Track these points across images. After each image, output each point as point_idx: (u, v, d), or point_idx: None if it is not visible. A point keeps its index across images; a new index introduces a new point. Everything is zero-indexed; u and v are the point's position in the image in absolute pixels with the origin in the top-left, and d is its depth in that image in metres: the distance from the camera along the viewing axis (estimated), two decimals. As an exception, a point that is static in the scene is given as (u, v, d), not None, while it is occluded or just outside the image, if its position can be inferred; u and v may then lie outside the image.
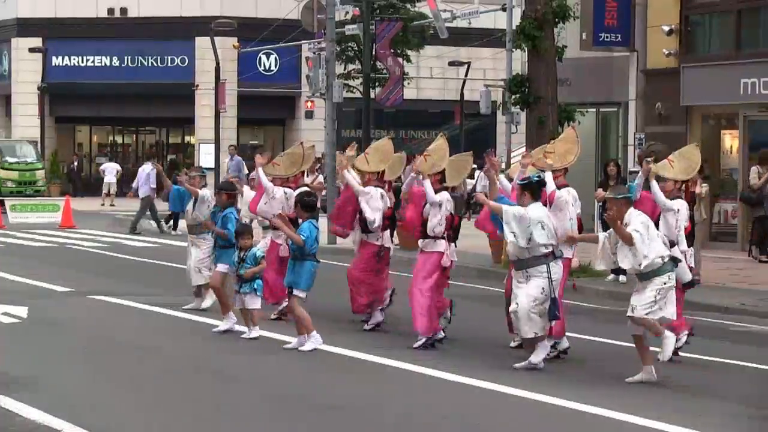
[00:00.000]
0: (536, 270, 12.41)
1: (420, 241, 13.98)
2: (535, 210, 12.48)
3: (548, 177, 13.26)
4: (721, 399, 11.62)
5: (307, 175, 17.12)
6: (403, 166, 15.60)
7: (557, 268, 12.49)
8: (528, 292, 12.38)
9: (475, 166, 27.39)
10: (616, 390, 11.73)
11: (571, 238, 13.00)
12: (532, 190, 12.63)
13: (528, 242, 12.34)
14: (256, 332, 14.09)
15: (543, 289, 12.38)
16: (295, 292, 13.31)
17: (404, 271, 16.74)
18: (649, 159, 13.63)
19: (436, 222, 13.72)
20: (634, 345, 12.30)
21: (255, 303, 14.08)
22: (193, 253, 16.38)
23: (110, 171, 45.63)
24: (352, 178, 15.28)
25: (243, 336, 14.16)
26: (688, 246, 13.55)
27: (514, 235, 12.39)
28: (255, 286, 14.01)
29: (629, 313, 12.07)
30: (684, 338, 13.55)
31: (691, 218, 14.05)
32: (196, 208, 16.35)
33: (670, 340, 12.05)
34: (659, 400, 11.30)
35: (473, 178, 33.89)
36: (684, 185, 13.78)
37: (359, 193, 15.09)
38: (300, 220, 13.68)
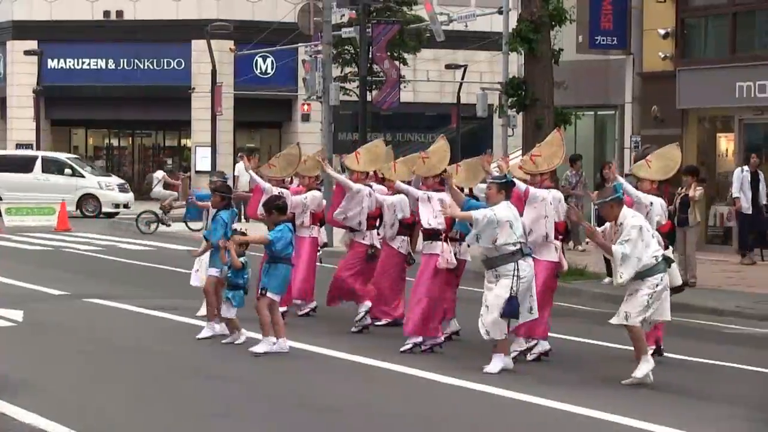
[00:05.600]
0: (505, 269, 12.37)
1: (420, 243, 13.94)
2: (503, 209, 12.45)
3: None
4: (717, 401, 11.61)
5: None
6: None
7: (525, 265, 12.42)
8: (497, 294, 12.36)
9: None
10: (610, 392, 11.69)
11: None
12: (507, 188, 12.67)
13: (493, 243, 12.32)
14: (233, 338, 13.99)
15: (512, 288, 12.36)
16: (270, 294, 13.29)
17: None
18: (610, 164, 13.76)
19: (428, 216, 13.59)
20: (630, 347, 12.28)
21: (228, 312, 13.92)
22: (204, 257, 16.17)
23: None
24: (338, 174, 15.42)
25: (225, 341, 14.04)
26: (669, 245, 13.56)
27: (477, 238, 12.39)
28: (230, 295, 13.81)
29: (622, 322, 11.95)
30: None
31: (672, 218, 14.04)
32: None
33: (649, 364, 11.96)
34: (653, 403, 11.30)
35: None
36: (663, 185, 13.86)
37: (347, 187, 15.12)
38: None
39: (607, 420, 10.40)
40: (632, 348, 12.25)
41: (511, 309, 12.34)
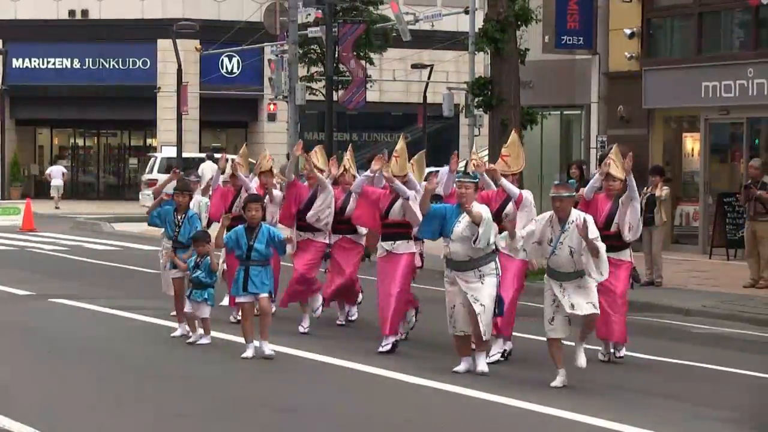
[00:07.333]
0: (488, 267, 12.27)
1: (390, 243, 13.78)
2: (485, 209, 12.36)
3: (505, 183, 13.30)
4: (683, 401, 11.62)
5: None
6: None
7: (498, 263, 12.43)
8: (490, 293, 12.24)
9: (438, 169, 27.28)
10: (577, 392, 11.64)
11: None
12: (478, 187, 12.56)
13: (487, 243, 12.21)
14: (207, 339, 14.00)
15: (498, 286, 12.31)
16: (268, 295, 13.22)
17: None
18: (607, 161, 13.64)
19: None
20: (597, 346, 12.29)
21: (205, 312, 13.97)
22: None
23: (56, 174, 45.20)
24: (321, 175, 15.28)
25: (189, 341, 14.00)
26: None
27: (480, 239, 12.20)
28: (206, 296, 13.93)
29: (594, 311, 11.86)
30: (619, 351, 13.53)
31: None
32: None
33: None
34: (619, 402, 11.33)
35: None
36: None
37: (323, 186, 15.02)
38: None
39: (575, 420, 10.38)
40: (597, 347, 12.24)
41: (501, 307, 12.32)
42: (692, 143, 26.96)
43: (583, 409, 10.66)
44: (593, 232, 11.74)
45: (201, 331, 14.07)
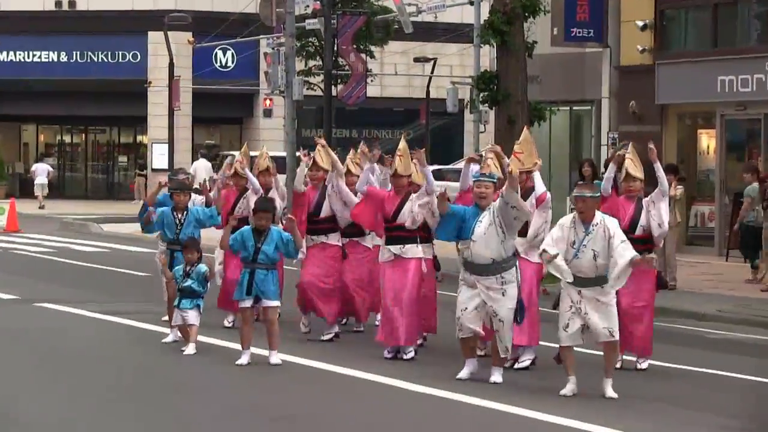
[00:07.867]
0: (510, 274, 11.95)
1: (398, 247, 13.43)
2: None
3: (537, 177, 12.99)
4: (698, 409, 11.52)
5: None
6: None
7: (518, 269, 12.19)
8: (509, 306, 11.92)
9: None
10: (585, 400, 11.40)
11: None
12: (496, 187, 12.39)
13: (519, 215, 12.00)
14: (192, 348, 13.51)
15: (518, 294, 12.01)
16: (274, 303, 12.84)
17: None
18: (622, 152, 13.49)
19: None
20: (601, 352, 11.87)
21: (193, 319, 13.61)
22: None
23: (41, 172, 45.00)
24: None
25: (183, 351, 13.62)
26: None
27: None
28: (198, 303, 13.65)
29: (611, 339, 11.55)
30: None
31: None
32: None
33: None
34: (632, 410, 11.19)
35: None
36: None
37: (341, 174, 14.68)
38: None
39: (580, 429, 10.22)
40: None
41: (522, 315, 12.01)
42: (707, 140, 26.94)
43: (589, 417, 10.50)
44: (620, 236, 11.53)
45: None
